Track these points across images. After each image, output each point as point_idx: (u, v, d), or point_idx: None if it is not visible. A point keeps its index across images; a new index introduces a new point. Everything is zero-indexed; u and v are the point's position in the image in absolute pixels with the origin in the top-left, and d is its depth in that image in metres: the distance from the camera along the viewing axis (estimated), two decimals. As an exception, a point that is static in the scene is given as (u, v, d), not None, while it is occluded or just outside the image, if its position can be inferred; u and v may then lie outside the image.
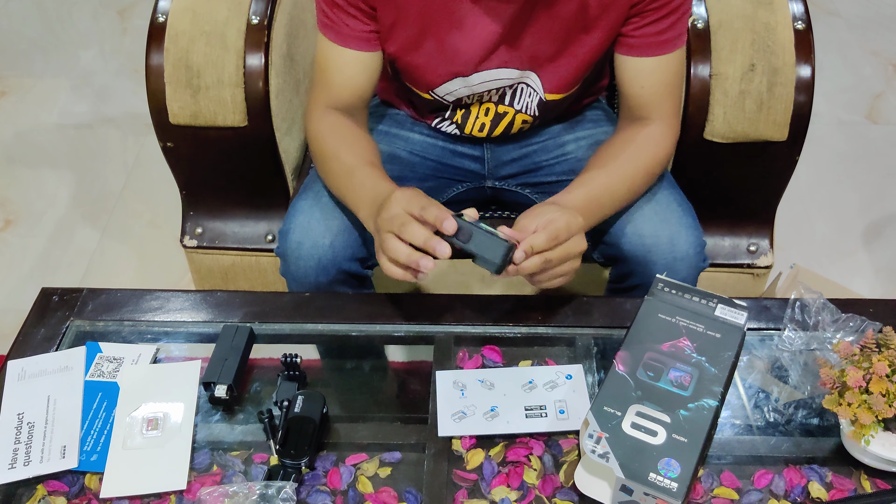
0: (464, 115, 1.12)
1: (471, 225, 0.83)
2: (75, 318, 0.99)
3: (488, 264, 0.84)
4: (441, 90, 1.07)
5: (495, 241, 0.83)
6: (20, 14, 2.51)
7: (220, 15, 1.17)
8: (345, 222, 1.03)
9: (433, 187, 1.15)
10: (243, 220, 1.32)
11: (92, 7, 2.53)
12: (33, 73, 2.29)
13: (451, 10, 0.98)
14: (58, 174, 1.96)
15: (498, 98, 1.09)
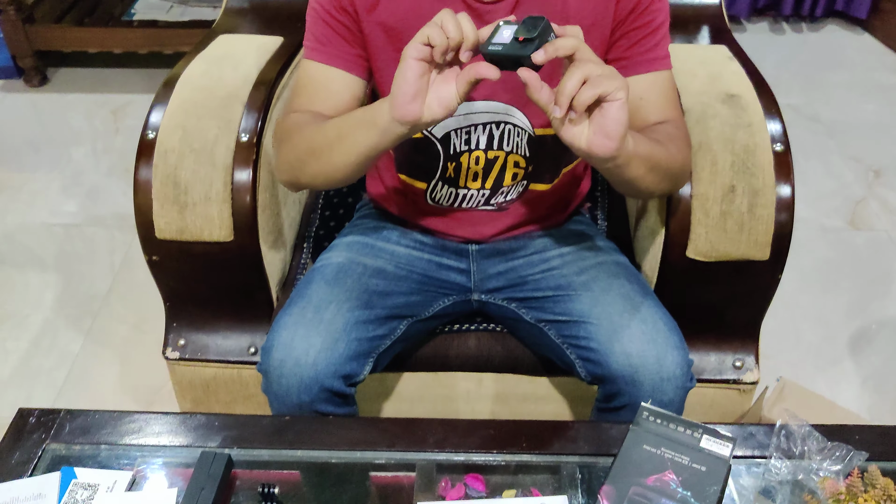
0: (455, 169, 1.12)
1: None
2: (51, 442, 0.97)
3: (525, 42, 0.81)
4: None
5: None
6: (15, 111, 2.55)
7: (210, 133, 1.19)
8: (328, 339, 1.03)
9: (419, 301, 1.15)
10: (226, 332, 1.31)
11: (86, 106, 2.57)
12: (25, 170, 2.31)
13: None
14: (44, 275, 1.96)
15: (486, 144, 1.10)
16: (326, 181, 1.03)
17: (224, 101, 1.22)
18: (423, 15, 0.95)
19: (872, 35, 2.94)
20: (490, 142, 1.09)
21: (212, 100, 1.22)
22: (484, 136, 1.09)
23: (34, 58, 2.59)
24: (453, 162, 1.11)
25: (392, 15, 1.03)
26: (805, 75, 2.74)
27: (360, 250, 1.16)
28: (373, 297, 1.10)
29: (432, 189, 1.15)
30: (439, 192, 1.15)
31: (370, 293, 1.10)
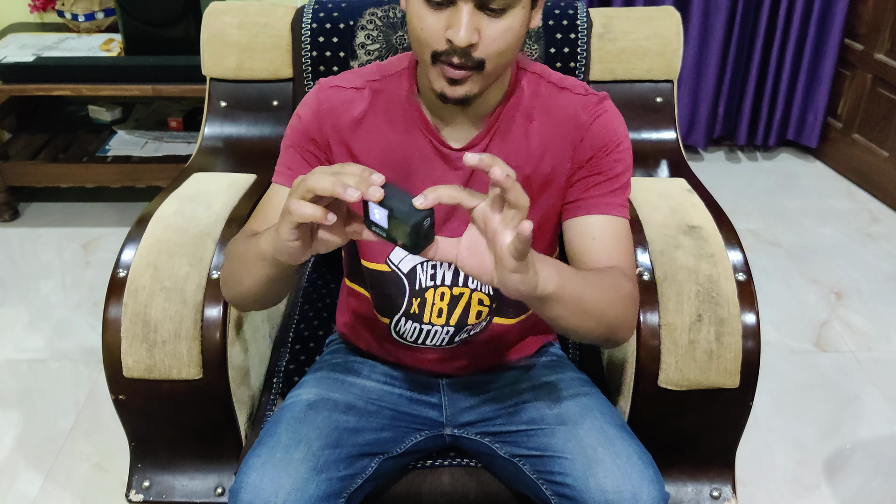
0: (420, 304, 1.12)
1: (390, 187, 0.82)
2: None
3: (404, 230, 0.81)
4: (395, 256, 1.10)
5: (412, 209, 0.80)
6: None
7: (181, 270, 1.19)
8: (298, 479, 1.00)
9: (391, 438, 1.14)
10: (193, 472, 1.28)
11: (57, 239, 2.57)
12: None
13: (407, 172, 1.06)
14: (4, 413, 1.90)
15: (451, 280, 1.11)
16: (250, 303, 1.06)
17: (196, 238, 1.24)
18: (392, 151, 1.02)
19: (823, 162, 3.07)
20: (455, 278, 1.11)
21: (184, 237, 1.24)
22: (450, 271, 1.11)
23: (6, 193, 2.60)
24: (418, 297, 1.12)
25: (362, 150, 1.07)
26: (762, 201, 2.83)
27: (331, 386, 1.15)
28: (343, 435, 1.08)
29: (396, 323, 1.15)
30: (403, 327, 1.15)
31: (340, 430, 1.08)
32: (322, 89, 1.09)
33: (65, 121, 2.82)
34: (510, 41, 0.94)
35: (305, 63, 1.52)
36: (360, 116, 1.07)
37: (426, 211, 0.81)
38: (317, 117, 1.07)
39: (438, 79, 0.96)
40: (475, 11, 0.91)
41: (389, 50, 1.51)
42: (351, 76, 1.10)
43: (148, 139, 2.69)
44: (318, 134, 1.07)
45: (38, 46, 2.54)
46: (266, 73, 1.57)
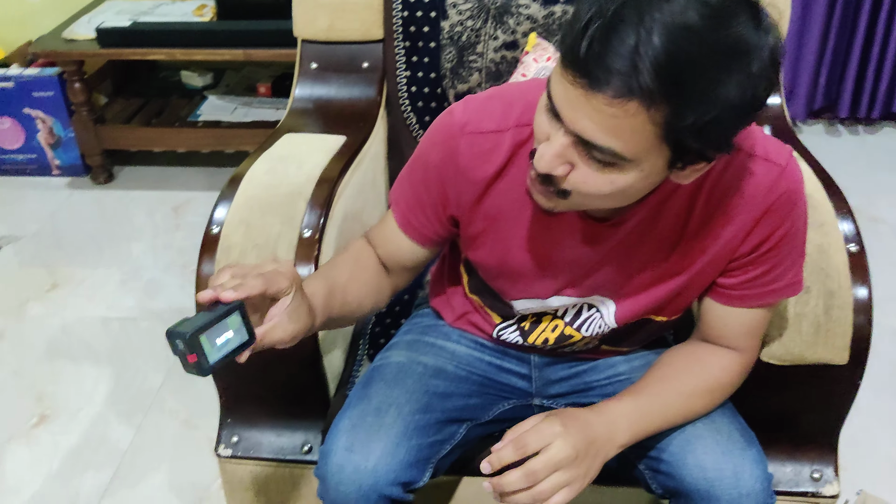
0: (532, 324, 1.10)
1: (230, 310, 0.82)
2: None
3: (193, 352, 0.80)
4: (518, 304, 1.06)
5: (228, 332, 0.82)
6: (80, 208, 2.62)
7: (273, 229, 1.19)
8: (389, 444, 0.99)
9: (479, 404, 1.12)
10: (280, 429, 1.28)
11: (148, 203, 2.64)
12: (87, 265, 2.35)
13: (547, 228, 0.97)
14: (98, 369, 1.96)
15: (570, 319, 1.07)
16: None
17: (287, 197, 1.23)
18: (522, 207, 0.97)
19: (932, 137, 2.90)
20: (575, 320, 1.07)
21: (276, 196, 1.23)
22: (573, 310, 1.07)
23: (102, 156, 2.67)
24: (534, 318, 1.10)
25: (496, 210, 0.98)
26: (864, 177, 2.69)
27: (420, 349, 1.13)
28: (433, 400, 1.06)
29: (500, 329, 1.13)
30: (506, 333, 1.13)
31: (430, 395, 1.06)
32: (461, 133, 0.95)
33: (158, 86, 2.89)
34: (608, 192, 0.80)
35: (396, 23, 1.50)
36: (497, 171, 0.95)
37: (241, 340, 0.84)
38: (451, 169, 0.96)
39: (528, 175, 0.87)
40: (572, 146, 0.78)
41: (482, 10, 1.47)
42: (493, 112, 0.95)
43: (237, 105, 2.73)
44: (452, 187, 0.98)
45: (134, 12, 2.59)
46: (357, 34, 1.55)
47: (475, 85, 1.50)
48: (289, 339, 0.88)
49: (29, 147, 2.71)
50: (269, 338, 0.86)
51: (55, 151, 2.72)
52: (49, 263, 2.36)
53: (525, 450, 0.86)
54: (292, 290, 0.86)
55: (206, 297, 0.81)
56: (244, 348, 0.84)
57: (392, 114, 1.59)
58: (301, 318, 0.88)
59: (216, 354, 0.81)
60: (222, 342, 0.81)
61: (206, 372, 0.80)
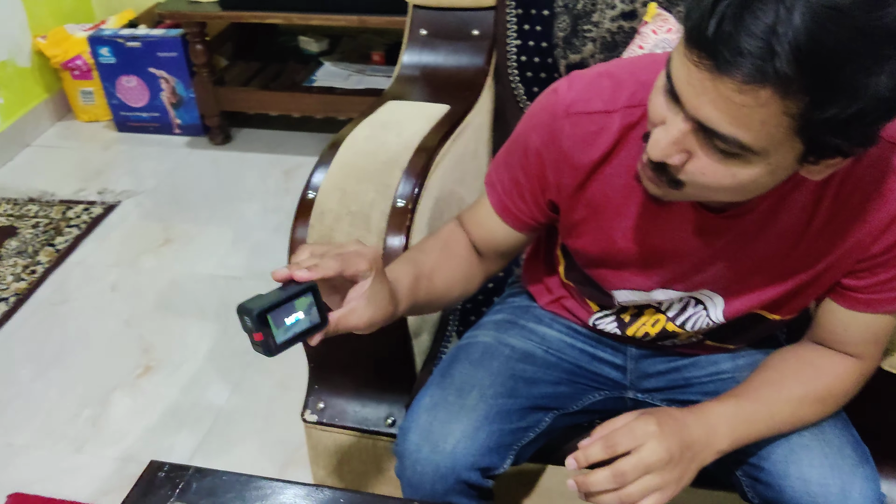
0: (633, 317, 1.04)
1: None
2: (177, 500, 0.94)
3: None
4: (619, 295, 1.00)
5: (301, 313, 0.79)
6: (197, 167, 2.69)
7: (368, 197, 1.16)
8: (469, 427, 0.95)
9: (567, 393, 1.06)
10: (366, 399, 1.27)
11: (261, 166, 2.68)
12: (198, 223, 2.42)
13: (656, 218, 0.89)
14: (202, 325, 2.01)
15: (674, 315, 1.00)
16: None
17: (384, 165, 1.20)
18: (636, 203, 0.90)
19: None
20: (678, 315, 1.00)
21: (373, 164, 1.21)
22: (678, 305, 0.99)
23: (220, 118, 2.74)
24: (635, 310, 1.03)
25: (601, 197, 0.91)
26: None
27: (509, 330, 1.09)
28: (518, 385, 1.02)
29: (597, 318, 1.08)
30: (603, 323, 1.07)
31: (516, 380, 1.02)
32: (565, 113, 0.88)
33: (277, 51, 2.92)
34: (728, 186, 0.73)
35: (510, -11, 1.44)
36: (603, 155, 0.88)
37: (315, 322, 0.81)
38: (553, 152, 0.90)
39: (639, 160, 0.81)
40: (692, 134, 0.71)
41: (600, -23, 1.39)
42: (601, 90, 0.87)
43: (351, 72, 2.73)
44: (554, 171, 0.91)
45: (255, -24, 2.61)
46: (468, 0, 1.50)
47: (588, 56, 1.43)
48: (365, 326, 0.83)
49: (153, 106, 2.80)
50: (343, 323, 0.82)
51: (177, 111, 2.80)
52: (164, 219, 2.44)
53: (615, 448, 0.81)
54: (371, 273, 0.82)
55: (280, 275, 0.78)
56: (315, 331, 0.81)
57: (499, 83, 1.53)
58: (380, 303, 0.84)
59: (283, 335, 0.78)
60: (291, 322, 0.78)
61: (272, 351, 0.78)
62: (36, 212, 2.45)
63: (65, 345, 1.97)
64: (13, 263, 2.23)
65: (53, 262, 2.23)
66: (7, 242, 2.31)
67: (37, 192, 2.55)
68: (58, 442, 1.70)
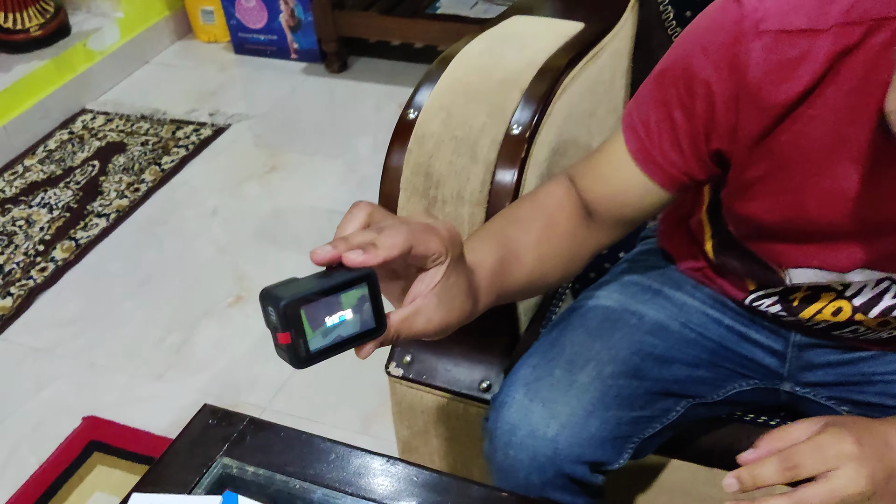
0: (804, 300, 0.80)
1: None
2: (225, 454, 0.80)
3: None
4: (796, 274, 0.77)
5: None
6: (311, 95, 2.57)
7: (477, 120, 0.98)
8: (580, 409, 0.77)
9: (708, 378, 0.85)
10: (458, 358, 1.10)
11: (377, 97, 2.53)
12: (307, 152, 2.30)
13: (878, 177, 0.67)
14: (298, 258, 1.89)
15: (863, 303, 0.77)
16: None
17: (500, 85, 1.01)
18: (838, 144, 0.66)
19: None
20: (870, 305, 0.77)
21: (486, 82, 1.02)
22: (871, 290, 0.76)
23: (338, 44, 2.59)
24: (808, 291, 0.80)
25: (791, 142, 0.68)
26: None
27: (638, 294, 0.88)
28: (646, 363, 0.82)
29: (756, 297, 0.84)
30: (763, 303, 0.84)
31: (644, 357, 0.82)
32: (754, 31, 0.65)
33: (400, -25, 2.74)
34: None
35: None
36: (805, 90, 0.65)
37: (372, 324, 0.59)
38: (732, 84, 0.67)
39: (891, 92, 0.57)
40: None
41: None
42: (804, 1, 0.65)
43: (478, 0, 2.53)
44: (729, 111, 0.68)
45: None
46: None
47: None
48: (434, 332, 0.62)
49: (270, 28, 2.69)
50: (406, 328, 0.60)
51: (294, 35, 2.68)
52: (272, 146, 2.33)
53: (797, 471, 0.59)
54: (447, 258, 0.60)
55: (323, 256, 0.56)
56: (366, 338, 0.58)
57: (645, 6, 1.30)
58: (456, 301, 0.62)
59: (321, 340, 0.56)
60: (333, 324, 0.56)
61: (301, 362, 0.56)
62: (146, 129, 2.39)
63: (158, 266, 1.90)
64: (118, 180, 2.17)
65: (157, 182, 2.16)
66: (115, 158, 2.26)
67: (149, 109, 2.49)
68: (140, 366, 1.63)
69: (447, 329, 0.62)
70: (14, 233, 1.99)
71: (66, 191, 2.13)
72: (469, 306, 0.64)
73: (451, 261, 0.60)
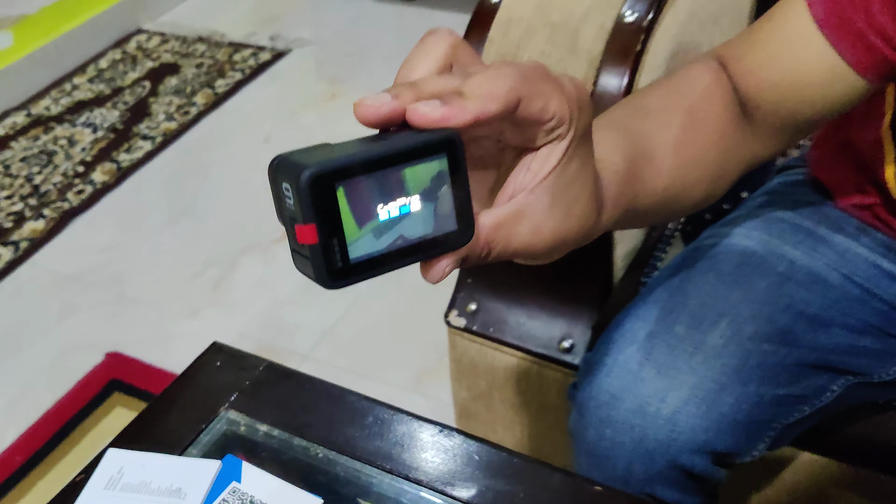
0: None
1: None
2: (233, 408, 0.62)
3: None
4: None
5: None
6: (381, 22, 2.38)
7: (582, 2, 0.76)
8: (708, 380, 0.56)
9: (875, 350, 0.64)
10: (535, 309, 0.89)
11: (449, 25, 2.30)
12: (370, 83, 2.10)
13: None
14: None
15: None
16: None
17: (613, -41, 0.79)
18: None
19: None
20: None
21: (595, -44, 0.79)
22: None
23: (411, -32, 2.38)
24: None
25: None
26: None
27: (787, 234, 0.66)
28: (798, 325, 0.60)
29: None
30: None
31: (794, 315, 0.60)
32: None
33: None
34: None
35: None
36: None
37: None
38: None
39: None
40: None
41: None
42: None
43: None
44: None
45: None
46: None
47: None
48: (544, 248, 0.40)
49: (341, -51, 2.49)
50: (503, 238, 0.39)
51: (366, -43, 2.47)
52: (333, 73, 2.15)
53: None
54: (571, 129, 0.38)
55: (375, 110, 0.35)
56: (442, 248, 0.37)
57: None
58: (577, 204, 0.41)
59: (369, 243, 0.36)
60: (390, 217, 0.36)
61: (333, 276, 0.35)
62: (202, 52, 2.22)
63: (202, 195, 1.73)
64: (168, 102, 2.01)
65: (209, 106, 1.99)
66: (167, 80, 2.10)
67: (208, 31, 2.32)
68: (172, 301, 1.47)
69: (561, 246, 0.41)
70: (54, 152, 1.85)
71: (112, 111, 1.98)
72: (593, 215, 0.42)
73: (575, 135, 0.38)
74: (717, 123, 0.53)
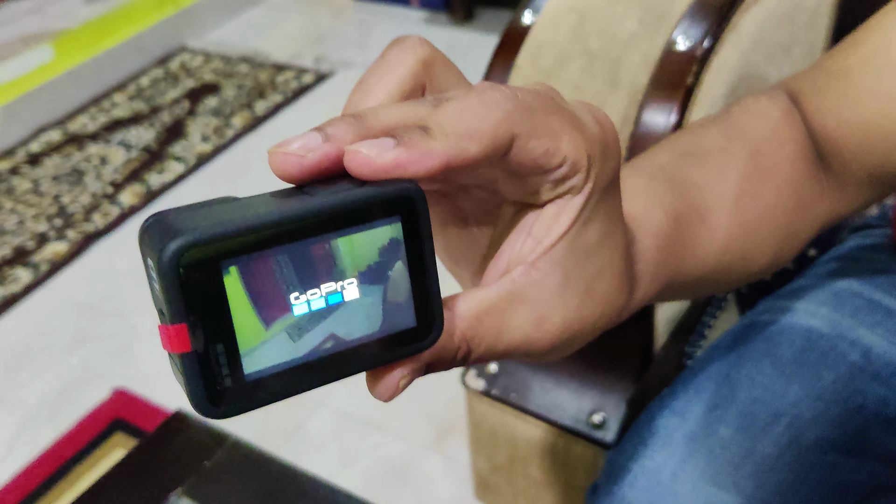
0: None
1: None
2: (184, 493, 0.53)
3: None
4: None
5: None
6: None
7: (624, 27, 0.65)
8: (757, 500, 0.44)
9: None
10: (563, 375, 0.78)
11: (502, 53, 2.22)
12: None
13: None
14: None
15: None
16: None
17: (663, -22, 0.68)
18: None
19: None
20: None
21: (643, -25, 0.69)
22: None
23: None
24: None
25: None
26: None
27: (863, 313, 0.54)
28: (873, 430, 0.48)
29: None
30: None
31: (868, 418, 0.48)
32: None
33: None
34: None
35: None
36: None
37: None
38: None
39: None
40: None
41: None
42: None
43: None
44: None
45: None
46: None
47: None
48: (549, 344, 0.29)
49: (392, -30, 2.43)
50: (490, 332, 0.28)
51: (417, -21, 2.40)
52: (377, 98, 2.06)
53: None
54: (589, 180, 0.27)
55: (295, 160, 0.25)
56: (396, 352, 0.27)
57: None
58: (601, 281, 0.30)
59: (280, 350, 0.25)
60: (311, 311, 0.25)
61: (212, 400, 0.24)
62: (245, 72, 2.16)
63: (230, 221, 1.66)
64: (206, 123, 1.95)
65: (246, 128, 1.93)
66: (207, 100, 2.04)
67: (252, 51, 2.27)
68: (188, 335, 1.39)
69: (575, 340, 0.30)
70: (85, 171, 1.80)
71: (149, 130, 1.93)
72: (623, 295, 0.31)
73: (595, 188, 0.28)
74: (787, 172, 0.42)
